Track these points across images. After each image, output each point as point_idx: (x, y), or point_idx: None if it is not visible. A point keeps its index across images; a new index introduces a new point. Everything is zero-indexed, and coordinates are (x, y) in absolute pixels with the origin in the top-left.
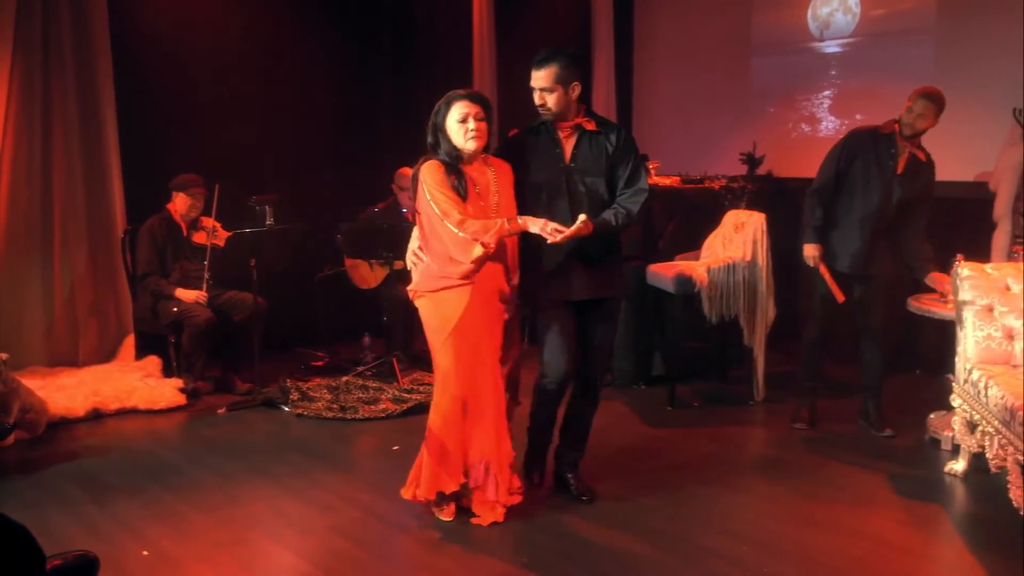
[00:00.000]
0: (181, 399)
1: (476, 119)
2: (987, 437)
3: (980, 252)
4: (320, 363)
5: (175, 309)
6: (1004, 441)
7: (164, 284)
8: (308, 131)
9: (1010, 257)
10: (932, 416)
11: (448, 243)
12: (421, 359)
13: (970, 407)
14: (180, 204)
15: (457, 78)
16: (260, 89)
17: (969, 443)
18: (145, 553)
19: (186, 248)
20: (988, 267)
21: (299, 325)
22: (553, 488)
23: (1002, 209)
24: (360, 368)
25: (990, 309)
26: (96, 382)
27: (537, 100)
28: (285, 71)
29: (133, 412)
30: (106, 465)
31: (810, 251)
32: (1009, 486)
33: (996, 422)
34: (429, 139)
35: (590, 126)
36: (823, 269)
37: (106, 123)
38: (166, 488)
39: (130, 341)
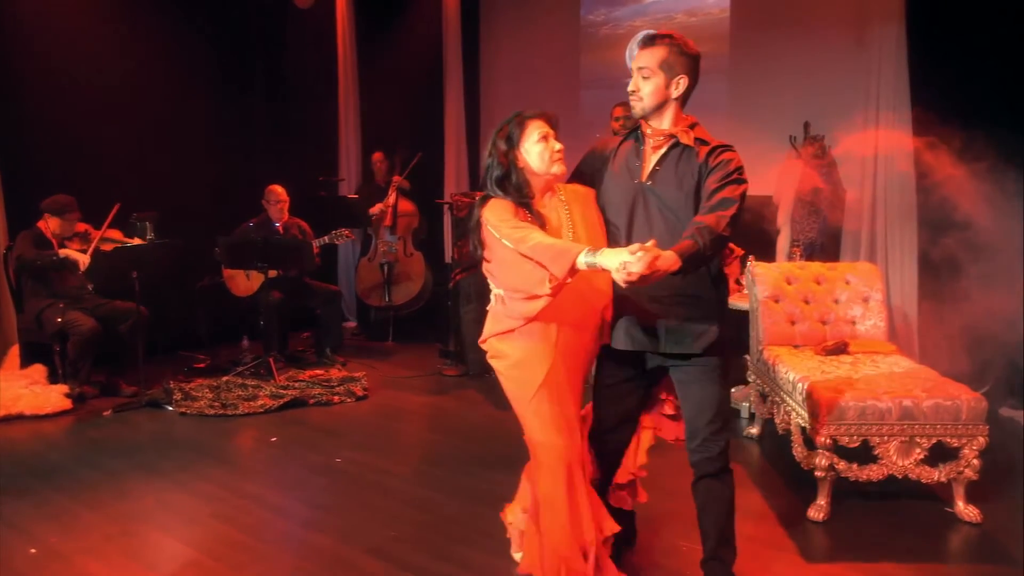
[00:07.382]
0: (67, 404)
1: (555, 139)
2: (775, 406)
3: (768, 254)
4: (202, 365)
5: (59, 320)
6: (788, 408)
7: (47, 253)
8: (187, 150)
9: (790, 258)
10: (732, 390)
11: (526, 278)
12: (295, 358)
13: (762, 381)
14: (53, 225)
15: (324, 100)
16: (141, 110)
17: (762, 411)
18: (33, 551)
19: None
20: (774, 266)
21: (181, 331)
22: None
23: (783, 218)
24: (239, 368)
25: (776, 299)
26: None
27: (630, 86)
28: (165, 94)
29: (19, 418)
30: None
31: None
32: (792, 444)
33: (782, 393)
34: (496, 172)
35: (686, 139)
36: None
37: None
38: (54, 488)
39: (14, 351)
